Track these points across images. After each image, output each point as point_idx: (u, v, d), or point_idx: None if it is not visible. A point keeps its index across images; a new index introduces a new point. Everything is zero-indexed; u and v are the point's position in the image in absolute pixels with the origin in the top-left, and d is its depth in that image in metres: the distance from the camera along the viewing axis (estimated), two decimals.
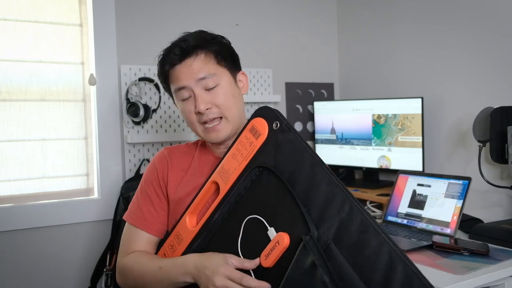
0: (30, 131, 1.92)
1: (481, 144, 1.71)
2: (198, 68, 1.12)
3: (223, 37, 1.22)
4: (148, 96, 2.10)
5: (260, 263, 0.86)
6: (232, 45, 1.25)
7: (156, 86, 2.11)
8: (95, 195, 2.04)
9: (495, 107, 1.68)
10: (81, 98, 2.03)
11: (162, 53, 1.19)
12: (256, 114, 1.03)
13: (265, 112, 1.01)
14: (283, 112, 2.52)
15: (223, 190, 0.99)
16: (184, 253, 1.04)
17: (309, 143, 2.55)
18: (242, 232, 0.93)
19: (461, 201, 1.63)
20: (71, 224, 1.96)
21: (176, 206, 1.18)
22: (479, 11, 1.91)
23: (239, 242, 0.93)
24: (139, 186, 1.25)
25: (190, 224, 1.05)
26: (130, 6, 2.08)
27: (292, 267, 0.79)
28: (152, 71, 2.10)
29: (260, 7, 2.43)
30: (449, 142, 2.05)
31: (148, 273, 1.08)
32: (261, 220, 0.89)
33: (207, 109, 1.12)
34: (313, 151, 0.92)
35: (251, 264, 0.91)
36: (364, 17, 2.49)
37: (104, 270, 1.87)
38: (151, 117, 2.08)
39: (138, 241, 1.18)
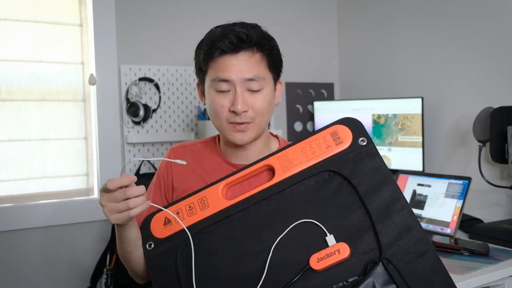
0: (30, 131, 1.92)
1: (481, 144, 1.71)
2: (250, 67, 1.03)
3: (275, 40, 1.13)
4: (148, 96, 2.10)
5: (309, 264, 0.84)
6: None
7: (156, 86, 2.11)
8: (95, 195, 2.04)
9: (495, 107, 1.68)
10: (81, 98, 2.03)
11: (213, 34, 1.05)
12: (342, 122, 0.94)
13: (353, 124, 0.93)
14: (283, 112, 2.52)
15: (279, 176, 0.92)
16: (205, 221, 0.93)
17: None
18: (287, 229, 0.87)
19: (461, 201, 1.63)
20: (71, 224, 1.96)
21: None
22: (479, 11, 1.90)
23: (279, 236, 0.87)
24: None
25: (223, 195, 0.95)
26: (130, 6, 2.08)
27: (365, 286, 0.77)
28: (152, 71, 2.10)
29: (260, 7, 2.43)
30: (449, 142, 2.05)
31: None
32: (318, 224, 0.85)
33: (243, 111, 1.04)
34: (396, 182, 0.88)
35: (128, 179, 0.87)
36: (364, 17, 2.49)
37: (104, 270, 1.87)
38: (151, 117, 2.08)
39: None
